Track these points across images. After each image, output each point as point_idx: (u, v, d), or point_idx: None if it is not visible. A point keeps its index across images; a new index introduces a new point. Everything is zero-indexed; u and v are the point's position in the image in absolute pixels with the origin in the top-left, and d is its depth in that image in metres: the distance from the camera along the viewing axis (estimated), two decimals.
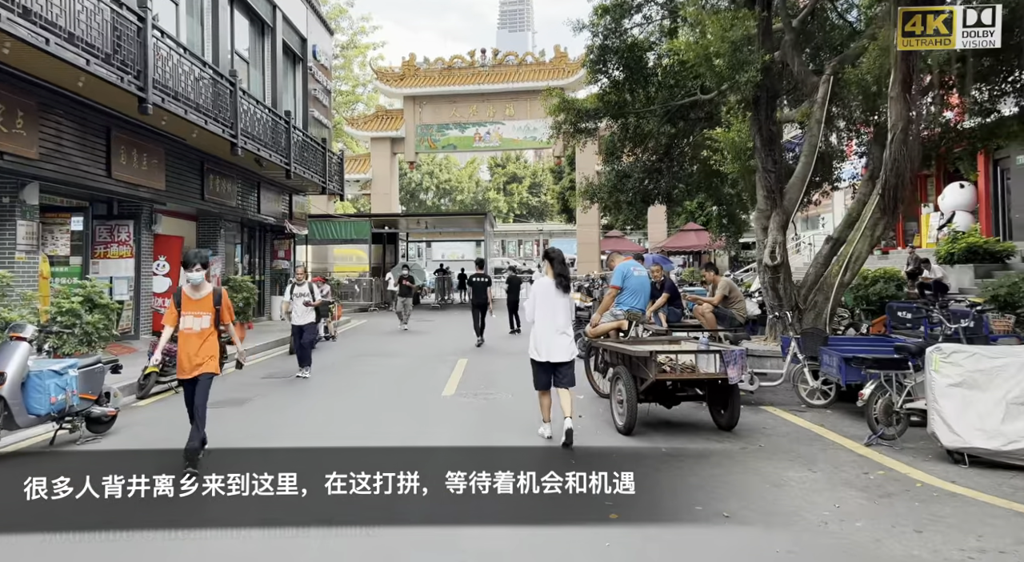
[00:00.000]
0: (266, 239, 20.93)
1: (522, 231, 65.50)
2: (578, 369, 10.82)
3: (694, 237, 28.68)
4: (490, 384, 9.61)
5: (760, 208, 10.48)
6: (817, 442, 6.25)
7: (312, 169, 19.41)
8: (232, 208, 16.81)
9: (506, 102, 32.57)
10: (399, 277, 18.30)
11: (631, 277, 7.62)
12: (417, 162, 34.78)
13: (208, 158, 15.07)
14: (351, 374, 11.10)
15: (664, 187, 15.30)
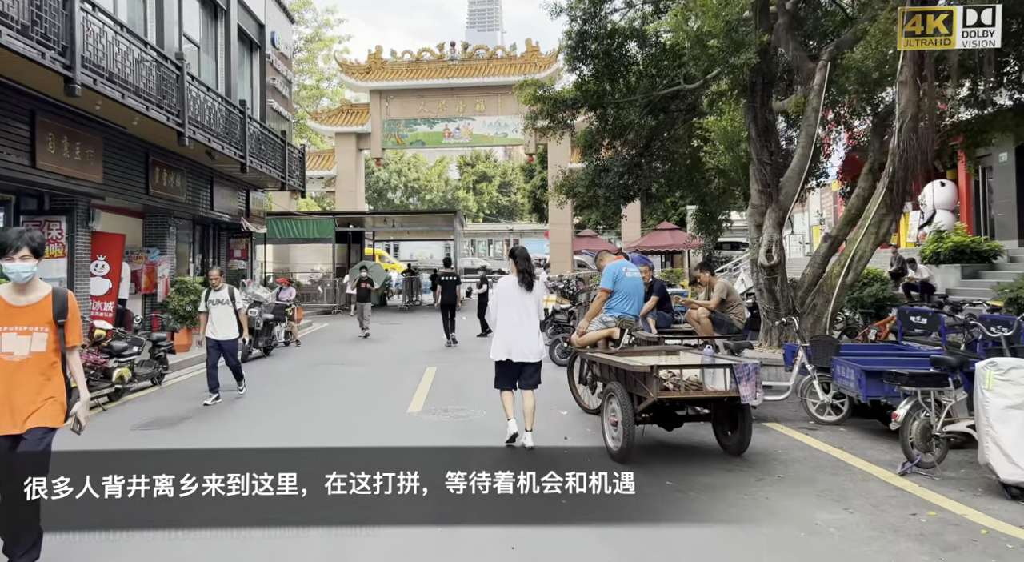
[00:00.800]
0: (221, 238, 19.68)
1: (492, 231, 64.59)
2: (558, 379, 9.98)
3: (669, 236, 28.03)
4: (461, 397, 8.66)
5: (754, 203, 9.69)
6: (843, 470, 5.41)
7: (270, 163, 18.23)
8: (182, 204, 15.59)
9: (476, 97, 31.59)
10: (356, 279, 16.66)
11: (623, 279, 6.72)
12: (384, 159, 33.60)
13: (153, 149, 13.85)
14: (304, 388, 10.02)
15: (644, 182, 14.48)
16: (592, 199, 14.90)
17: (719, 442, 5.94)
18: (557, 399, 8.39)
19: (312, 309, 24.08)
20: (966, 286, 14.90)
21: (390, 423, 7.35)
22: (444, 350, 13.93)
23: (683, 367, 5.60)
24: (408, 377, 10.11)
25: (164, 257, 15.84)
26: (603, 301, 6.74)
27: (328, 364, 12.08)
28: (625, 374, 5.75)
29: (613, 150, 15.04)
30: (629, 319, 6.68)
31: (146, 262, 15.67)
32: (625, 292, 6.70)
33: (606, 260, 7.04)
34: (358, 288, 16.34)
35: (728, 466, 5.55)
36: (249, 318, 12.21)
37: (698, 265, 8.25)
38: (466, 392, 8.92)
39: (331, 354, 13.51)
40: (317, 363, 12.22)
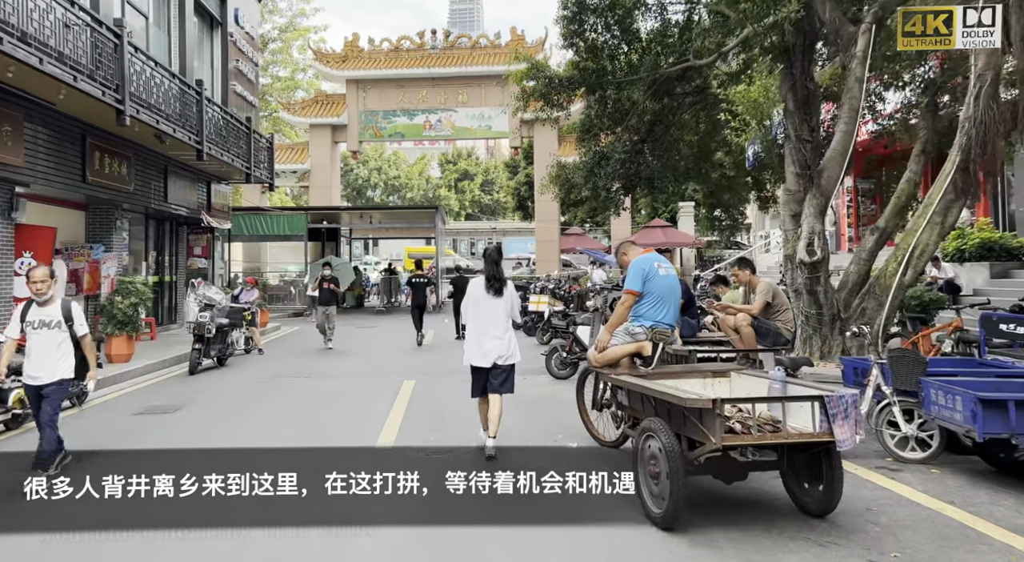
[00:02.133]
0: (180, 234, 17.93)
1: (475, 229, 62.95)
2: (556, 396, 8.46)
3: (661, 234, 26.58)
4: (442, 423, 7.10)
5: (790, 189, 8.24)
6: (980, 544, 3.92)
7: (233, 152, 16.52)
8: (129, 194, 13.85)
9: (459, 87, 29.99)
10: (318, 278, 13.97)
11: (655, 277, 5.18)
12: (362, 153, 31.91)
13: (92, 130, 12.13)
14: (248, 411, 8.21)
15: (647, 171, 12.99)
16: (591, 191, 13.40)
17: (793, 498, 4.43)
18: (560, 423, 6.87)
19: (283, 311, 22.39)
20: (996, 286, 13.61)
21: (353, 463, 5.74)
22: (423, 359, 12.38)
23: (756, 401, 4.07)
24: (381, 395, 8.51)
25: (110, 254, 14.11)
26: (629, 307, 5.19)
27: (288, 377, 10.45)
28: (669, 408, 4.22)
29: (614, 136, 13.55)
30: (664, 330, 5.15)
31: (88, 259, 13.93)
32: (658, 294, 5.16)
33: (631, 253, 5.48)
34: (320, 289, 13.63)
35: (816, 535, 4.03)
36: (199, 323, 10.57)
37: (735, 262, 6.72)
38: (448, 416, 7.35)
39: (295, 364, 11.87)
40: (276, 375, 10.58)
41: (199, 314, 10.83)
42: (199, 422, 7.44)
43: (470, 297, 5.96)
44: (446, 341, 15.39)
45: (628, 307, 5.17)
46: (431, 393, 8.68)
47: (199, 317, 10.79)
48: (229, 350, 11.64)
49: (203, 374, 10.78)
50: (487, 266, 5.94)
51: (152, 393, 9.15)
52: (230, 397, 8.97)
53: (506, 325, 5.88)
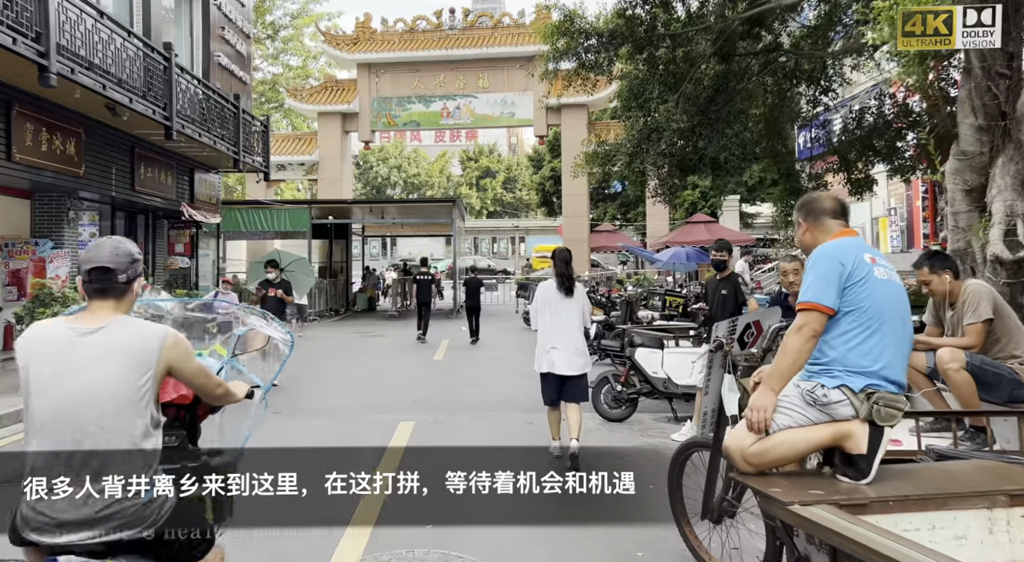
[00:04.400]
0: (159, 229, 15.65)
1: (496, 228, 60.57)
2: (620, 455, 5.97)
3: (704, 230, 23.87)
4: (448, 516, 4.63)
5: (965, 151, 5.62)
6: None
7: (216, 133, 14.18)
8: (79, 179, 11.53)
9: (479, 71, 27.50)
10: (258, 286, 10.37)
11: (868, 282, 2.58)
12: (382, 150, 29.55)
13: (17, 95, 9.81)
14: None
15: (711, 149, 10.38)
16: (637, 172, 10.83)
17: None
18: (628, 516, 4.34)
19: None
20: None
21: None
22: (430, 382, 9.93)
23: None
24: (361, 454, 5.99)
25: (60, 251, 11.83)
26: (811, 338, 2.58)
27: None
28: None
29: (666, 104, 10.97)
30: (893, 397, 2.50)
31: (33, 257, 11.65)
32: (875, 316, 2.55)
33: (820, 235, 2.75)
34: (263, 300, 9.89)
35: None
36: None
37: (924, 258, 4.07)
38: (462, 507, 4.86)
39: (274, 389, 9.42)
40: None
41: None
42: None
43: (539, 300, 5.83)
44: (461, 353, 12.94)
45: (810, 339, 2.56)
46: (435, 439, 6.16)
47: None
48: None
49: None
50: (557, 265, 5.77)
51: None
52: None
53: (579, 329, 5.72)
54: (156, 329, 2.38)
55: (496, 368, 11.40)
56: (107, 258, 2.35)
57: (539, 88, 27.32)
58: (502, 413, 7.22)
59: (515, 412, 7.30)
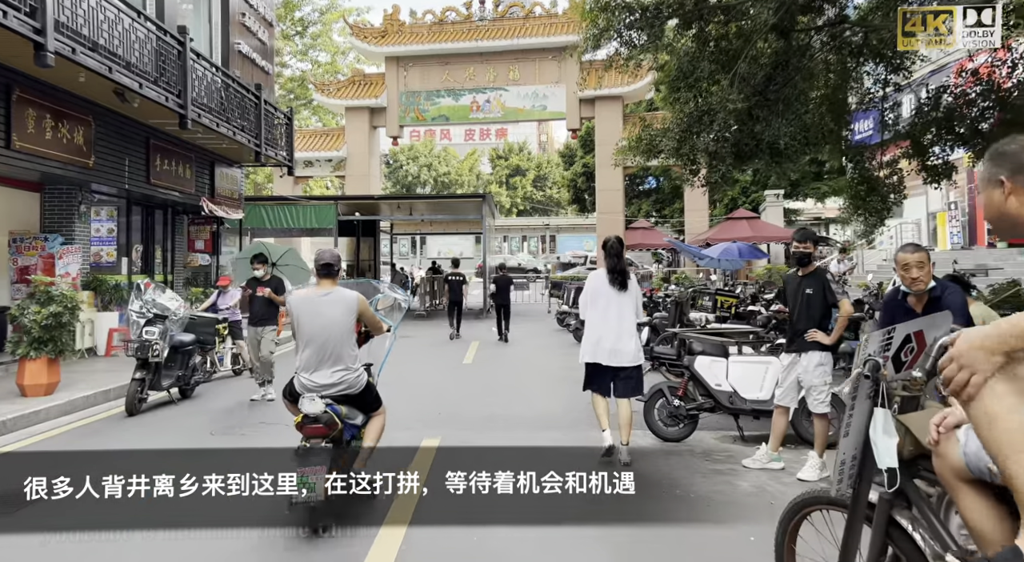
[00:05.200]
0: (178, 224, 15.05)
1: (526, 226, 59.74)
2: (681, 485, 5.02)
3: (747, 227, 22.71)
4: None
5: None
6: None
7: (235, 123, 13.50)
8: (89, 171, 10.88)
9: (510, 63, 26.61)
10: (245, 286, 8.89)
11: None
12: (403, 138, 28.75)
13: (16, 78, 9.16)
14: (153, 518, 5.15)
15: (769, 134, 9.34)
16: (687, 157, 9.82)
17: None
18: None
19: None
20: None
21: None
22: (458, 391, 9.07)
23: None
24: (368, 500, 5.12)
25: (71, 247, 11.24)
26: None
27: (268, 423, 7.21)
28: None
29: (717, 84, 9.97)
30: None
31: (42, 253, 11.05)
32: None
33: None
34: (251, 300, 8.41)
35: None
36: (141, 343, 7.44)
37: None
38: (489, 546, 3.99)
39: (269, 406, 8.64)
40: (243, 421, 7.35)
41: (144, 329, 7.70)
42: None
43: (589, 290, 5.62)
44: (491, 355, 12.09)
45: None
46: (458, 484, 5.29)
47: (143, 333, 7.66)
48: (195, 376, 8.48)
49: (150, 414, 7.66)
50: (608, 259, 5.56)
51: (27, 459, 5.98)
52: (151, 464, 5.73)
53: (632, 321, 5.51)
54: (353, 293, 4.49)
55: (530, 373, 10.50)
56: (329, 258, 4.53)
57: (572, 80, 26.39)
58: (540, 431, 6.32)
59: (555, 431, 6.40)
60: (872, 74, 10.35)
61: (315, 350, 4.33)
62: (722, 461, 5.56)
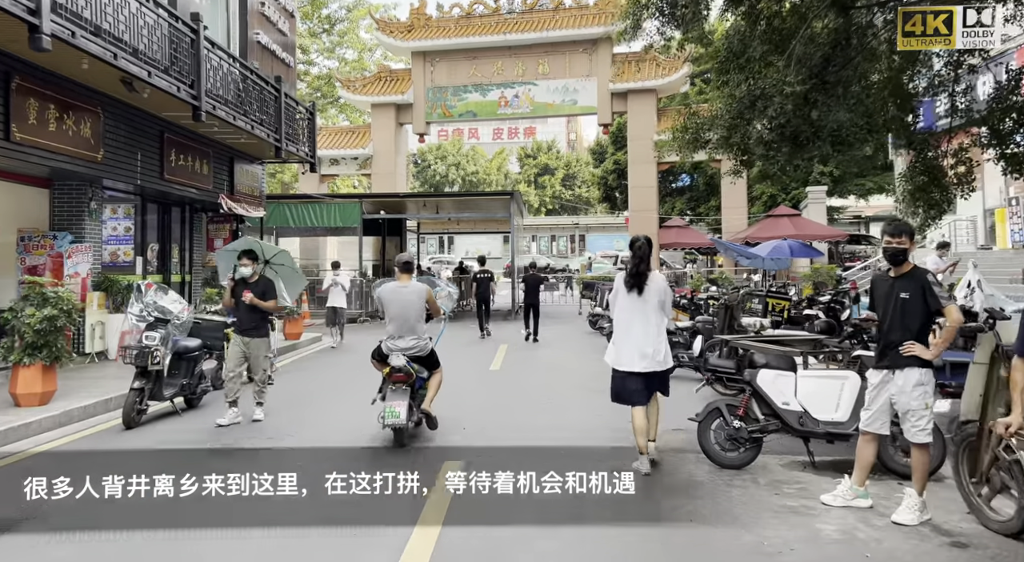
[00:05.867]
0: (196, 223, 14.54)
1: (555, 225, 58.89)
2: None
3: (789, 225, 21.61)
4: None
5: None
6: None
7: (253, 117, 12.93)
8: (97, 165, 10.34)
9: (539, 57, 25.80)
10: (230, 283, 7.32)
11: None
12: (429, 135, 28.06)
13: (16, 66, 8.61)
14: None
15: (829, 120, 8.42)
16: (737, 148, 8.95)
17: None
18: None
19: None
20: None
21: None
22: (483, 404, 8.31)
23: None
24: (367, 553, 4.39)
25: (81, 245, 10.74)
26: None
27: (274, 436, 6.52)
28: None
29: (770, 66, 9.08)
30: None
31: (50, 252, 10.55)
32: None
33: None
34: (236, 304, 7.16)
35: None
36: (140, 350, 6.83)
37: None
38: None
39: (300, 410, 7.96)
40: (252, 435, 6.67)
41: (144, 334, 7.07)
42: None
43: (616, 294, 5.38)
44: (520, 360, 11.34)
45: None
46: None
47: (143, 339, 7.02)
48: (201, 384, 7.84)
49: (150, 426, 7.03)
50: (631, 261, 5.24)
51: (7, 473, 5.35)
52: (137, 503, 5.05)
53: (655, 324, 5.19)
54: (423, 285, 6.36)
55: (565, 383, 9.69)
56: (407, 258, 6.47)
57: (604, 73, 25.50)
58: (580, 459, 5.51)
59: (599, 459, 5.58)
60: (942, 55, 9.37)
61: (398, 325, 6.12)
62: (794, 495, 4.71)
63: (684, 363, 9.65)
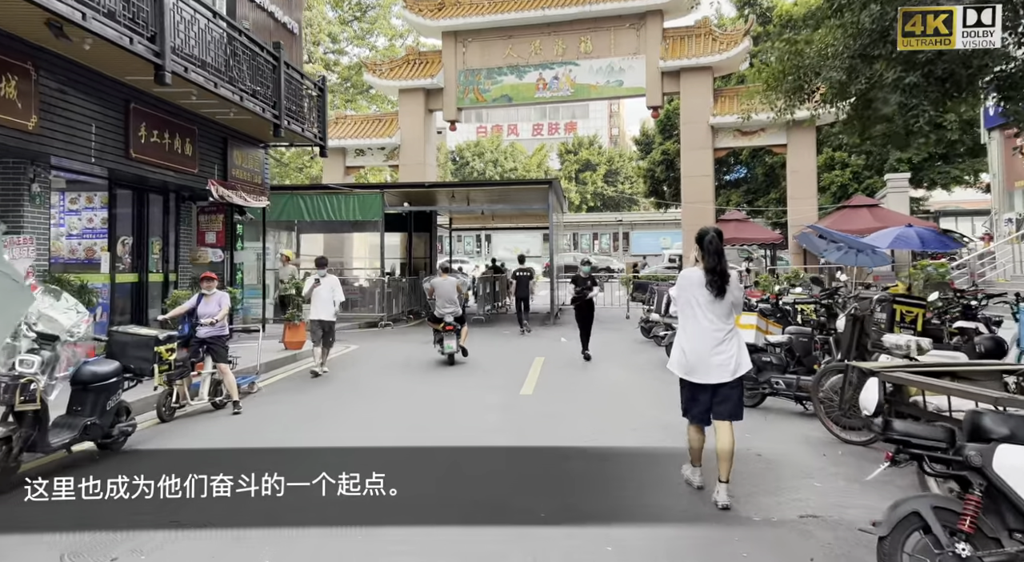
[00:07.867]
0: (184, 213, 12.53)
1: (597, 222, 56.29)
2: None
3: (868, 216, 18.88)
4: None
5: None
6: None
7: (243, 86, 10.87)
8: (34, 138, 8.33)
9: (581, 34, 23.40)
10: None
11: None
12: (460, 121, 25.82)
13: None
14: None
15: (998, 55, 5.87)
16: (860, 96, 6.45)
17: None
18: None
19: (350, 322, 16.60)
20: None
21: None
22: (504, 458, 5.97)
23: None
24: None
25: (18, 238, 8.73)
26: None
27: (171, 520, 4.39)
28: None
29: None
30: None
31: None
32: None
33: None
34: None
35: None
36: (11, 381, 4.69)
37: None
38: None
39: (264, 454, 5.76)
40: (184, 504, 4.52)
41: (20, 359, 4.93)
42: None
43: (681, 291, 4.90)
44: (559, 382, 8.99)
45: None
46: None
47: (17, 365, 4.89)
48: (119, 424, 5.69)
49: (13, 498, 4.90)
50: (708, 258, 4.72)
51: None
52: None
53: (727, 330, 4.73)
54: (454, 279, 11.85)
55: (620, 418, 7.31)
56: (446, 264, 16.62)
57: (653, 50, 23.00)
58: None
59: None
60: None
61: (444, 300, 10.90)
62: None
63: (780, 391, 7.24)
